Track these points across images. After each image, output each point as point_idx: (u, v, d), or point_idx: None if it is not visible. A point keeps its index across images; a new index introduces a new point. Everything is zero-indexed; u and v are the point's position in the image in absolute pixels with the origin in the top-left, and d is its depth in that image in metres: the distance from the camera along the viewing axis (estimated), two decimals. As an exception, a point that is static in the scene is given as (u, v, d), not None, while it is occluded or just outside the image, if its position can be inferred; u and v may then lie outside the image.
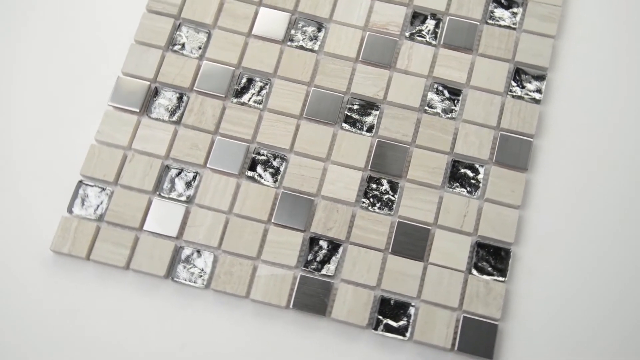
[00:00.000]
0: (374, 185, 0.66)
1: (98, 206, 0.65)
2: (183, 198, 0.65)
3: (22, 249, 0.64)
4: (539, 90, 0.69)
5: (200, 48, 0.70)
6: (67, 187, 0.66)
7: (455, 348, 0.61)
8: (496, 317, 0.62)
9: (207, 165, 0.66)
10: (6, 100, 0.69)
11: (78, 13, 0.72)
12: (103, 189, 0.65)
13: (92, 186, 0.65)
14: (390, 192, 0.66)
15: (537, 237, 0.65)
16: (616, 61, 0.71)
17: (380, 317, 0.62)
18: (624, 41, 0.72)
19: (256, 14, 0.72)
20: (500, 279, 0.63)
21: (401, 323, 0.62)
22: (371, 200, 0.66)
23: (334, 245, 0.64)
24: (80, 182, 0.65)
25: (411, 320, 0.62)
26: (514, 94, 0.69)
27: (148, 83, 0.69)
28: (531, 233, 0.66)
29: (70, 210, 0.64)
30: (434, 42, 0.71)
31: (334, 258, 0.64)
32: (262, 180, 0.66)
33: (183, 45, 0.70)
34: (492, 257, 0.64)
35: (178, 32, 0.71)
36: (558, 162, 0.68)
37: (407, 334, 0.62)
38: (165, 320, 0.62)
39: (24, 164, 0.67)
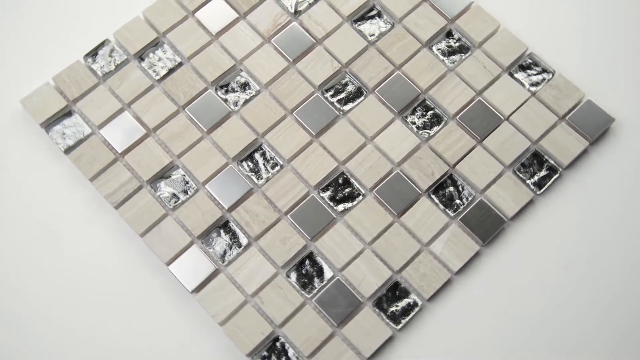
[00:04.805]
0: (415, 119, 0.68)
1: None
2: (326, 278, 0.63)
3: None
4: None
5: (187, 182, 0.66)
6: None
7: (592, 140, 0.67)
8: (583, 95, 0.69)
9: (308, 236, 0.64)
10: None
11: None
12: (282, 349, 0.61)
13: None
14: (429, 110, 0.68)
15: (540, 32, 0.72)
16: None
17: (532, 179, 0.66)
18: None
19: (188, 116, 0.68)
20: (550, 75, 0.69)
21: (546, 166, 0.66)
22: (427, 127, 0.68)
23: (449, 179, 0.66)
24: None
25: (548, 160, 0.67)
26: (402, -30, 0.73)
27: (191, 243, 0.64)
28: (532, 35, 0.72)
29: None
30: (316, -2, 0.72)
31: (459, 186, 0.66)
32: (353, 203, 0.65)
33: (174, 195, 0.66)
34: (530, 69, 0.70)
35: (159, 193, 0.66)
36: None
37: (558, 168, 0.66)
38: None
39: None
